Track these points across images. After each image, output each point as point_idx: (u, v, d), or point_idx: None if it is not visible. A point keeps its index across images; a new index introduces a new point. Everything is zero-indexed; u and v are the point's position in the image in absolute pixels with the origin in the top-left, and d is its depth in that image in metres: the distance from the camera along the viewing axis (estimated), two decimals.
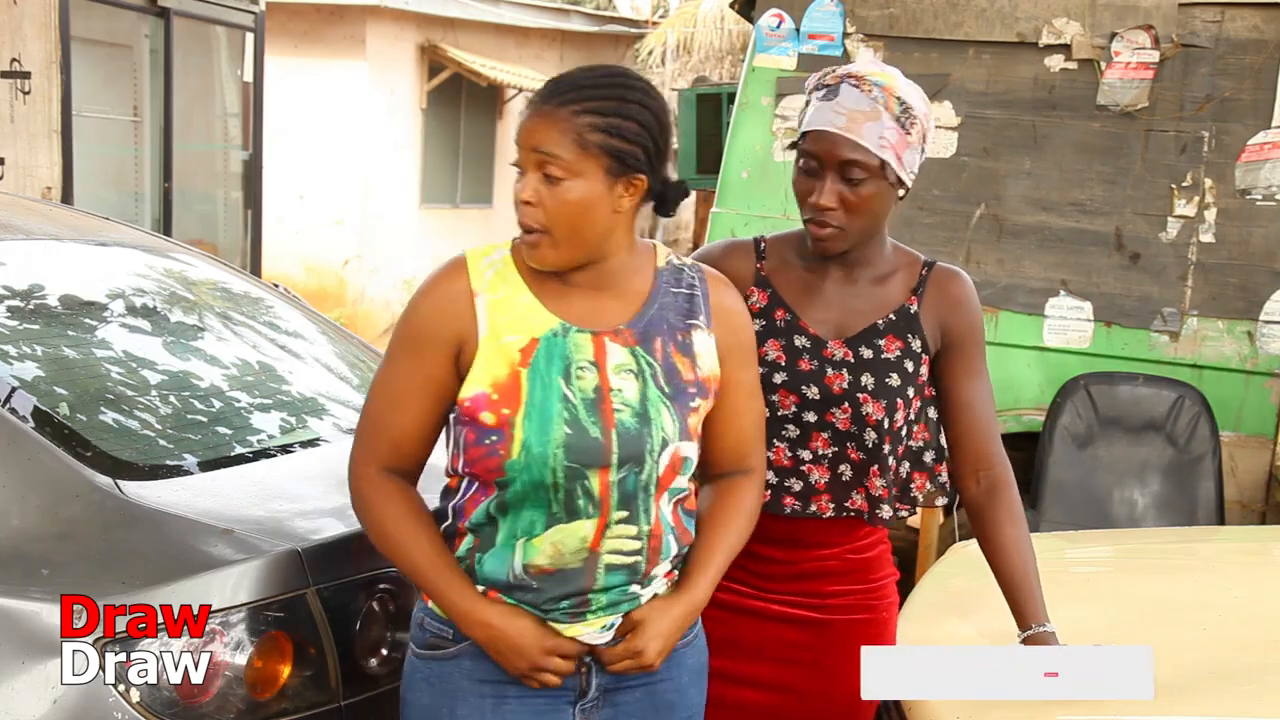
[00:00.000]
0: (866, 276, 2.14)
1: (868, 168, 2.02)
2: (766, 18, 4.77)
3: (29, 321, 2.57)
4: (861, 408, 2.08)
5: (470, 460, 1.79)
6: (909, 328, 2.13)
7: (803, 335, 2.12)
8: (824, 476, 2.12)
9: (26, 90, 6.60)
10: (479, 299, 1.80)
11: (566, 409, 1.76)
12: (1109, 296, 4.50)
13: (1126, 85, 4.48)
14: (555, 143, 1.75)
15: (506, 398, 1.76)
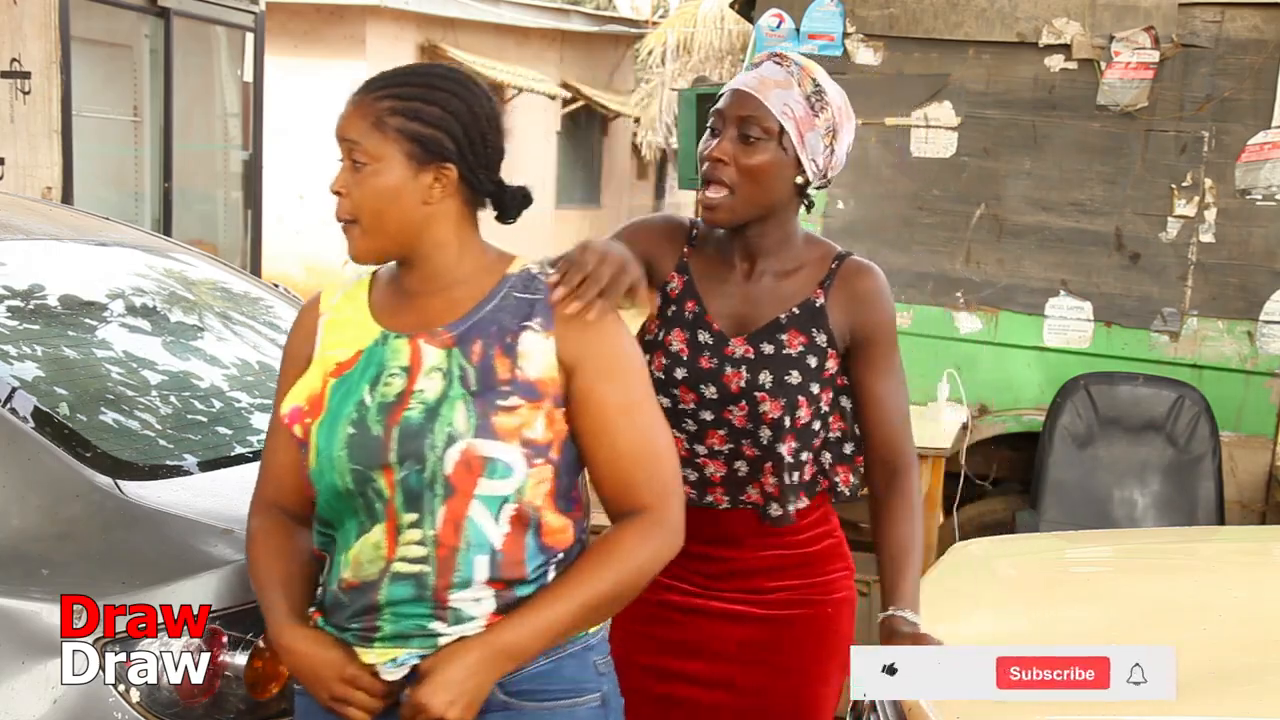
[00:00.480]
0: (771, 269, 2.11)
1: (765, 128, 2.00)
2: (766, 18, 4.77)
3: (29, 321, 2.57)
4: (759, 406, 2.05)
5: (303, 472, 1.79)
6: (813, 322, 2.08)
7: (706, 330, 2.09)
8: (720, 470, 2.11)
9: (27, 90, 6.60)
10: (321, 319, 1.82)
11: (357, 411, 1.70)
12: (1109, 296, 4.50)
13: (1126, 85, 4.48)
14: (356, 129, 1.78)
15: (314, 409, 1.75)
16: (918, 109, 4.63)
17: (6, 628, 1.90)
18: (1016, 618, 2.47)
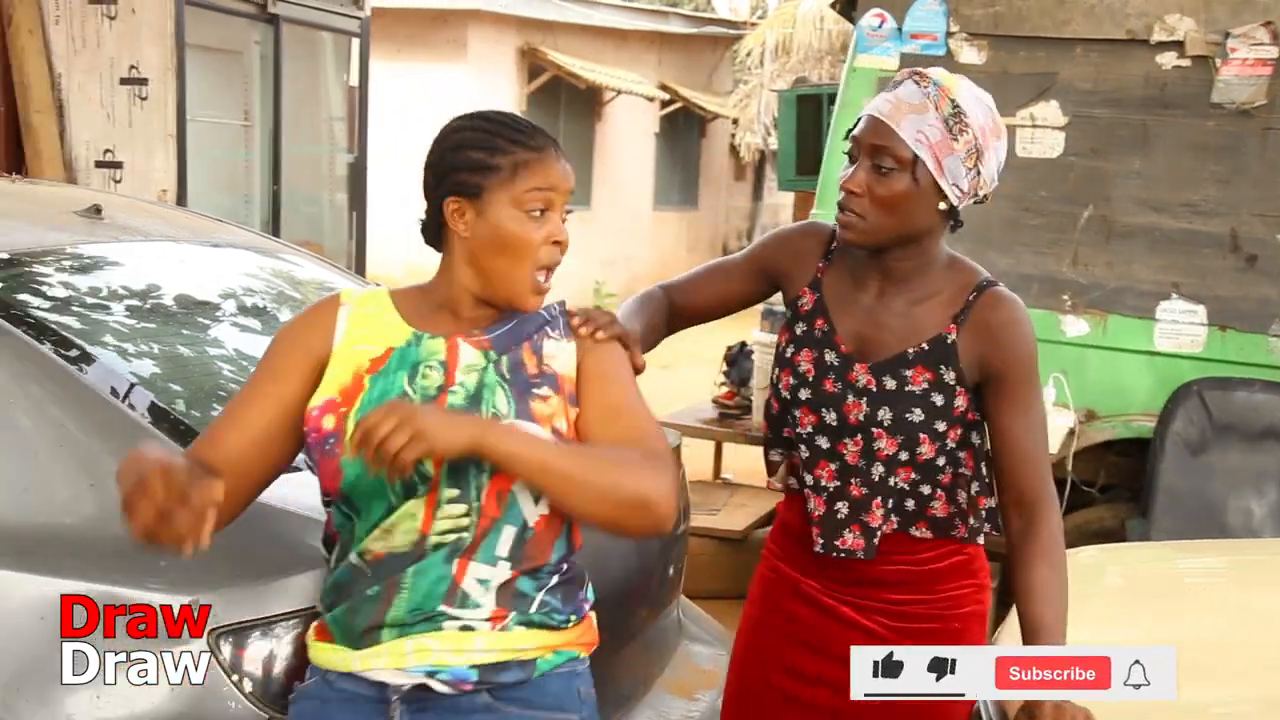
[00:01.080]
0: (904, 294, 2.04)
1: (897, 158, 1.94)
2: (868, 18, 4.72)
3: (147, 320, 2.65)
4: (874, 442, 2.02)
5: (321, 478, 1.79)
6: (942, 359, 2.00)
7: (834, 351, 2.06)
8: (819, 509, 2.08)
9: (144, 96, 6.80)
10: (342, 309, 1.85)
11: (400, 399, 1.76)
12: (1224, 300, 4.38)
13: (1243, 82, 4.36)
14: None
15: (347, 400, 1.78)
16: (1023, 108, 4.56)
17: (126, 617, 1.96)
18: (1125, 629, 2.42)
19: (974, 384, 2.03)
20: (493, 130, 1.79)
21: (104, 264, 2.76)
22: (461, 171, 1.78)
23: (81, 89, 6.78)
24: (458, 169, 1.79)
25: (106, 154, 6.79)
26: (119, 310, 2.59)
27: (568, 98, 14.14)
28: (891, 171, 1.94)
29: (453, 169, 1.79)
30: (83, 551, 2.02)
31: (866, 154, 1.96)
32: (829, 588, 2.14)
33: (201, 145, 7.38)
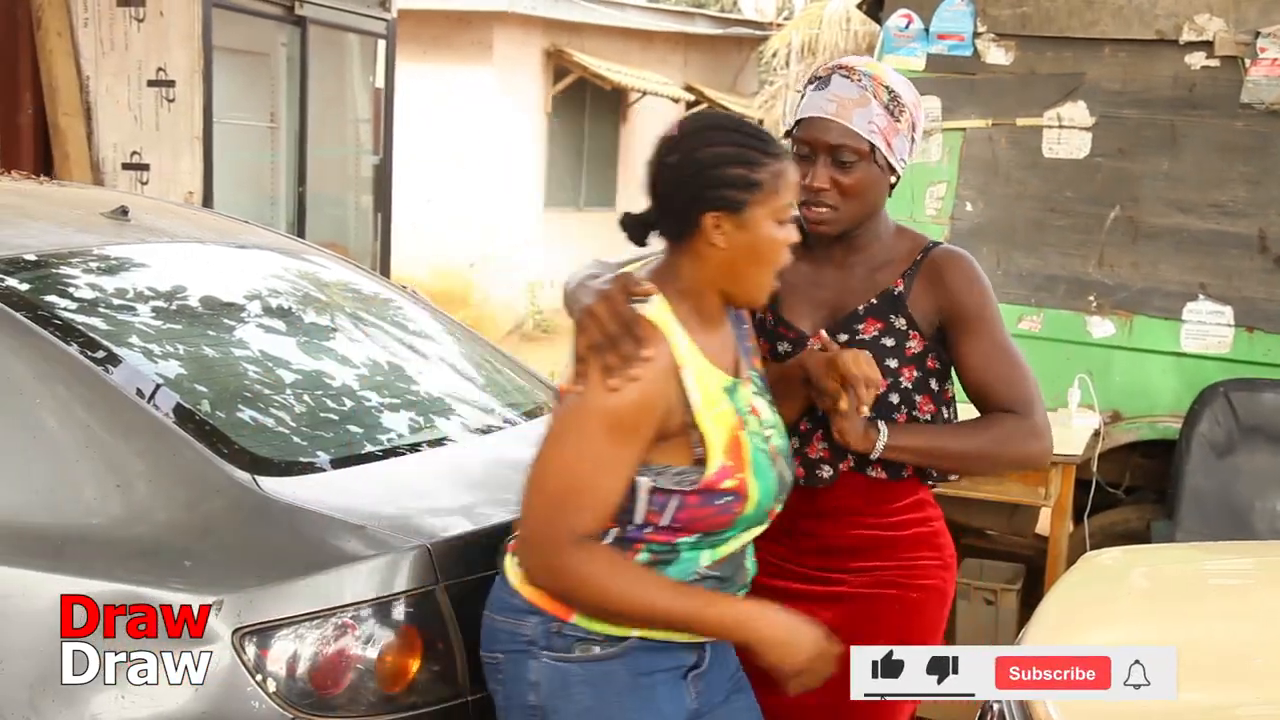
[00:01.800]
0: (862, 264, 2.23)
1: (858, 151, 2.13)
2: (895, 18, 4.71)
3: (172, 321, 2.66)
4: None
5: (691, 520, 1.88)
6: (891, 309, 2.19)
7: (783, 339, 2.24)
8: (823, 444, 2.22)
9: (171, 98, 6.84)
10: (684, 372, 1.86)
11: (764, 456, 1.94)
12: (1251, 301, 4.34)
13: (1272, 82, 4.32)
14: None
15: (737, 462, 1.89)
16: (1050, 109, 4.53)
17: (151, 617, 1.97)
18: (1149, 630, 2.40)
19: (932, 332, 2.20)
20: (747, 144, 1.86)
21: (130, 265, 2.78)
22: (724, 188, 1.84)
23: (109, 91, 6.82)
24: (720, 185, 1.84)
25: (133, 156, 6.84)
26: (145, 311, 2.61)
27: (593, 99, 14.14)
28: (854, 163, 2.13)
29: (715, 184, 1.84)
30: (109, 552, 2.04)
31: (825, 152, 2.13)
32: (789, 562, 2.26)
33: (228, 147, 7.41)
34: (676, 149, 1.87)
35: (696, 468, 1.87)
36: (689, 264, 1.90)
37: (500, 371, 3.22)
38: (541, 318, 13.01)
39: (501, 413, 2.92)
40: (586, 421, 1.83)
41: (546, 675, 1.91)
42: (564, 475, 1.84)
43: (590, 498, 1.83)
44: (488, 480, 2.54)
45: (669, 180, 1.87)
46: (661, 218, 1.90)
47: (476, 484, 2.51)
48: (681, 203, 1.86)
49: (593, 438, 1.82)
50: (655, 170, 1.89)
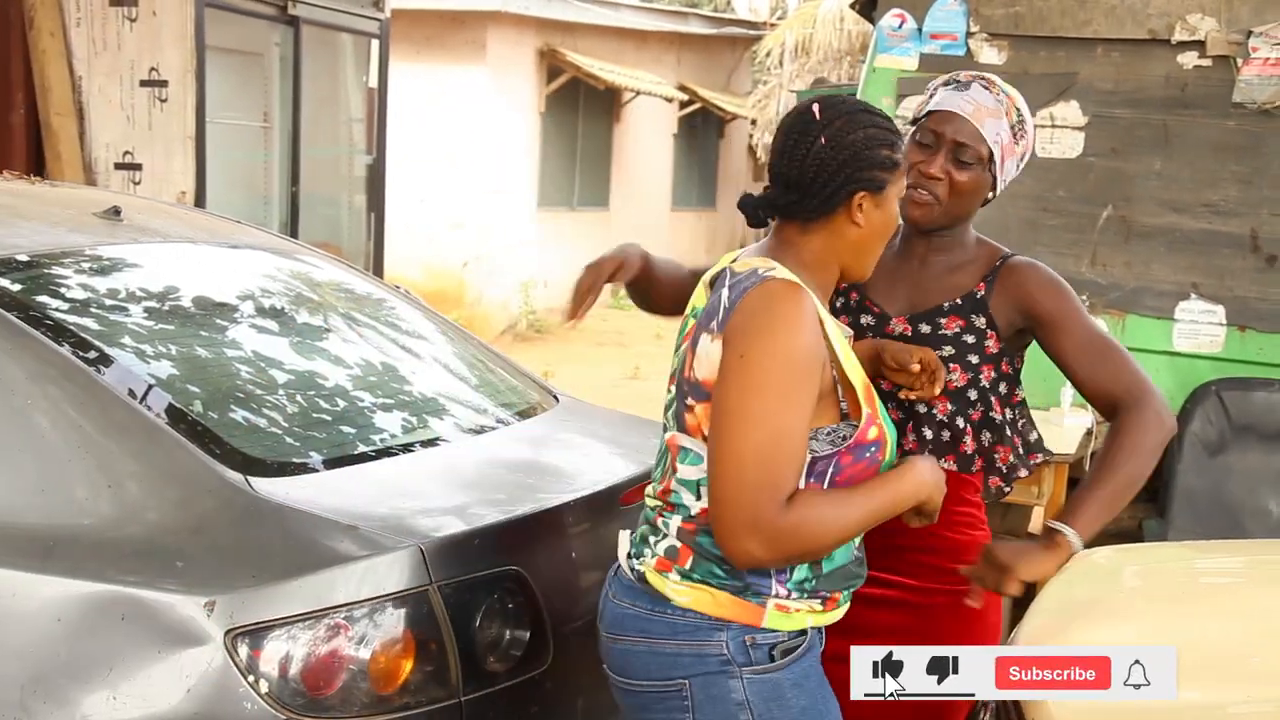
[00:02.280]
0: (942, 264, 2.33)
1: (978, 154, 2.24)
2: (888, 18, 4.71)
3: (165, 322, 2.66)
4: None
5: (846, 480, 1.89)
6: (974, 309, 2.29)
7: (869, 313, 2.32)
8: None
9: (164, 98, 6.83)
10: (827, 325, 1.89)
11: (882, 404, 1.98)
12: (1243, 300, 4.36)
13: (1265, 82, 4.33)
14: None
15: (874, 410, 1.92)
16: (1043, 108, 4.54)
17: (143, 618, 1.97)
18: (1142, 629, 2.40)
19: (1010, 335, 2.29)
20: (886, 125, 1.92)
21: (123, 266, 2.78)
22: (875, 168, 1.89)
23: (102, 91, 6.81)
24: (872, 165, 1.89)
25: (126, 156, 6.83)
26: (137, 312, 2.60)
27: (586, 99, 14.14)
28: (972, 165, 2.24)
29: (868, 165, 1.89)
30: (100, 552, 2.03)
31: (949, 145, 2.24)
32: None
33: (220, 147, 7.40)
34: (824, 132, 1.88)
35: (845, 424, 1.89)
36: (822, 241, 1.93)
37: (493, 371, 3.22)
38: (535, 318, 13.00)
39: (494, 413, 2.92)
40: (766, 387, 1.81)
41: (756, 690, 1.88)
42: (760, 446, 1.80)
43: (787, 457, 1.82)
44: (481, 480, 2.55)
45: (819, 162, 1.88)
46: (804, 198, 1.90)
47: (469, 484, 2.51)
48: (835, 183, 1.88)
49: (776, 399, 1.80)
50: (797, 153, 1.89)
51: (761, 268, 1.88)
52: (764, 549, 1.80)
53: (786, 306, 1.83)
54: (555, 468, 2.75)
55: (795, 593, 1.91)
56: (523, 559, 2.24)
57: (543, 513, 2.34)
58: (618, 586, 2.00)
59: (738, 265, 1.93)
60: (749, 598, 1.89)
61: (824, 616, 1.97)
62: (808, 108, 1.92)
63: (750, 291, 1.85)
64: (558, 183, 13.96)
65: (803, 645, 1.93)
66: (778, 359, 1.81)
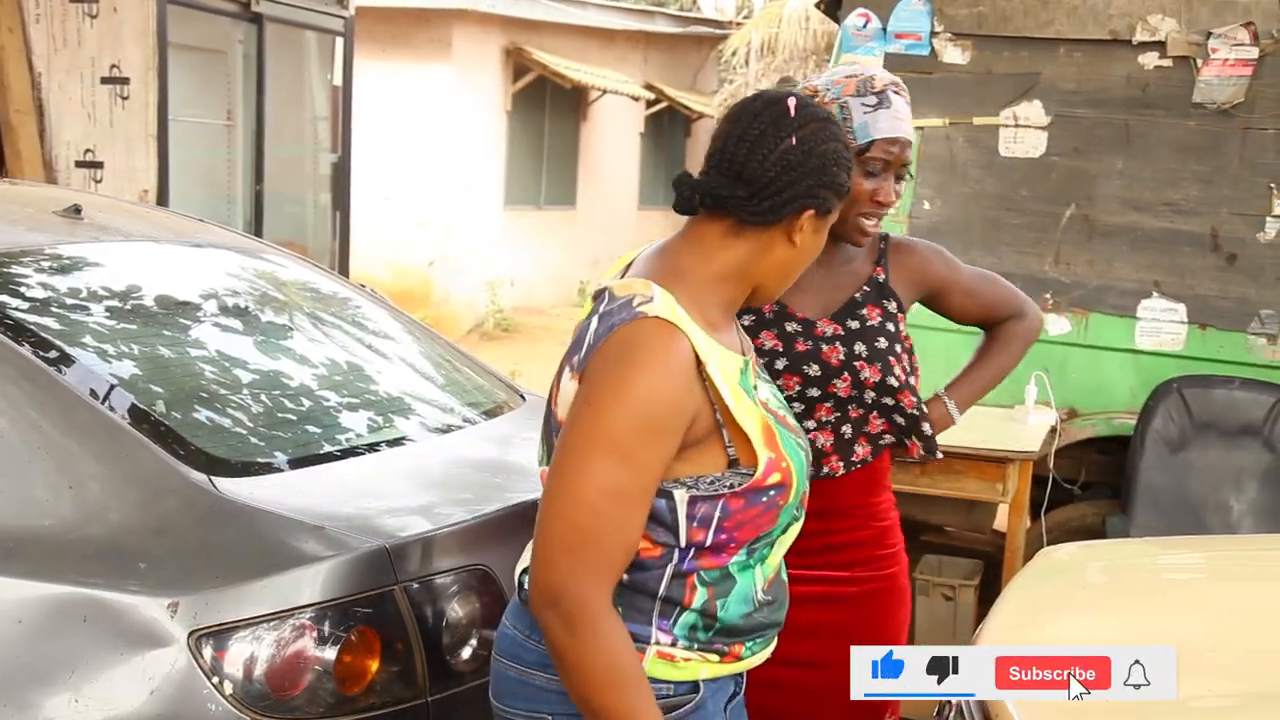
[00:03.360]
0: (839, 258, 2.35)
1: (908, 164, 2.30)
2: (853, 17, 4.73)
3: (127, 321, 2.64)
4: (859, 374, 2.28)
5: (738, 525, 1.71)
6: (882, 294, 2.36)
7: (792, 320, 2.31)
8: (829, 439, 2.31)
9: (125, 96, 6.77)
10: (709, 368, 1.67)
11: (790, 435, 1.79)
12: (1204, 298, 4.40)
13: (1224, 82, 4.38)
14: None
15: (777, 451, 1.72)
16: (1006, 108, 4.57)
17: (105, 620, 1.95)
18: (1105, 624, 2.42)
19: (907, 309, 2.41)
20: (847, 144, 1.77)
21: (84, 264, 2.75)
22: (834, 189, 1.74)
23: (62, 88, 6.75)
24: (833, 185, 1.74)
25: (87, 154, 6.76)
26: (99, 311, 2.58)
27: (553, 97, 14.12)
28: (905, 176, 2.31)
29: (829, 183, 1.73)
30: (62, 554, 2.01)
31: (896, 167, 2.27)
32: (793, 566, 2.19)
33: (183, 145, 7.34)
34: (798, 132, 1.70)
35: (732, 472, 1.69)
36: (748, 252, 1.73)
37: (460, 371, 3.21)
38: (502, 316, 12.98)
39: (461, 412, 2.91)
40: (603, 443, 1.60)
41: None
42: (587, 510, 1.60)
43: (619, 531, 1.62)
44: (447, 480, 2.54)
45: (785, 163, 1.69)
46: (754, 198, 1.69)
47: (436, 484, 2.51)
48: (794, 191, 1.70)
49: (614, 459, 1.60)
50: (762, 145, 1.70)
51: (640, 296, 1.66)
52: (561, 626, 1.59)
53: (649, 355, 1.62)
54: (522, 467, 2.74)
55: (683, 641, 1.72)
56: (489, 557, 2.23)
57: (509, 511, 2.33)
58: (511, 601, 1.85)
59: (619, 287, 1.71)
60: None
61: (724, 668, 1.77)
62: (782, 100, 1.73)
63: (617, 330, 1.63)
64: (524, 181, 13.93)
65: (690, 704, 1.73)
66: (625, 415, 1.60)
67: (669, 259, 1.76)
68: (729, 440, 1.69)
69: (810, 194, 1.71)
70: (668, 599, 1.71)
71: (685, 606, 1.72)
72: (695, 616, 1.72)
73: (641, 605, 1.71)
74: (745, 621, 1.76)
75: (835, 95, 2.25)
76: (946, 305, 2.48)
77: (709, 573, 1.72)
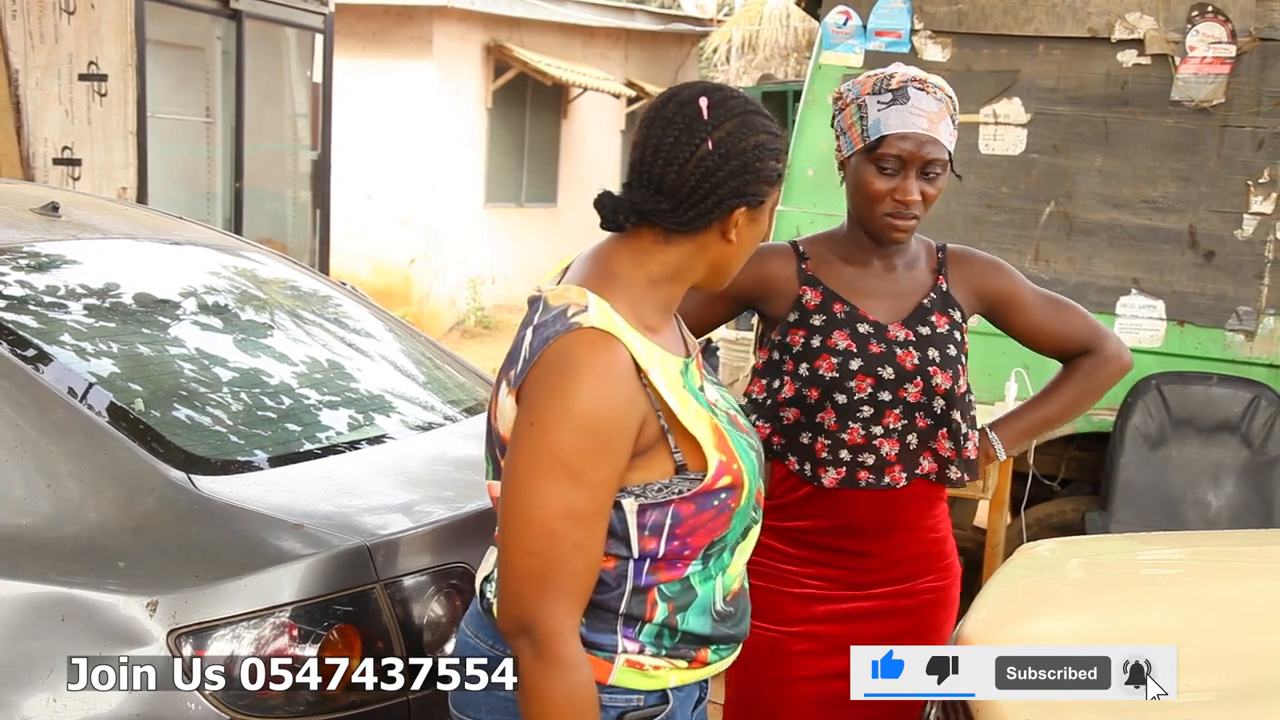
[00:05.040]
0: (901, 264, 2.35)
1: (943, 164, 2.23)
2: (833, 14, 4.74)
3: (105, 319, 2.62)
4: (932, 380, 2.27)
5: (690, 532, 1.68)
6: (947, 304, 2.35)
7: (864, 323, 2.30)
8: (894, 449, 2.28)
9: (103, 92, 6.73)
10: (652, 375, 1.64)
11: (740, 436, 1.76)
12: (1182, 295, 4.42)
13: (1202, 80, 4.40)
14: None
15: (728, 454, 1.70)
16: (986, 105, 4.59)
17: (84, 619, 1.94)
18: (1085, 620, 2.43)
19: (970, 317, 2.40)
20: (776, 131, 1.70)
21: (61, 262, 2.73)
22: (762, 182, 1.68)
23: (39, 85, 6.70)
24: (760, 179, 1.68)
25: (65, 151, 6.72)
26: (77, 309, 2.56)
27: (534, 94, 14.10)
28: (939, 175, 2.24)
29: (755, 178, 1.67)
30: (40, 553, 2.00)
31: (916, 166, 2.21)
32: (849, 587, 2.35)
33: (162, 142, 7.31)
34: (713, 135, 1.64)
35: (680, 477, 1.66)
36: (683, 255, 1.70)
37: (441, 369, 3.20)
38: (483, 314, 12.96)
39: (442, 410, 2.90)
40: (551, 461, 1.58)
41: None
42: (541, 535, 1.58)
43: (574, 547, 1.59)
44: (428, 478, 2.53)
45: (703, 170, 1.64)
46: (677, 208, 1.65)
47: (416, 482, 2.50)
48: (717, 196, 1.65)
49: (566, 481, 1.58)
50: (678, 155, 1.64)
51: (574, 305, 1.62)
52: (531, 655, 1.58)
53: (588, 368, 1.58)
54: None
55: (650, 648, 1.71)
56: (470, 555, 2.22)
57: (490, 510, 2.32)
58: (471, 608, 1.83)
59: (553, 296, 1.67)
60: (593, 652, 1.67)
61: (692, 674, 1.76)
62: (693, 100, 1.66)
63: (553, 343, 1.60)
64: (505, 179, 13.91)
65: (660, 715, 1.72)
66: (571, 433, 1.57)
67: (603, 264, 1.72)
68: (675, 446, 1.66)
69: (736, 194, 1.67)
70: (629, 614, 1.70)
71: (647, 621, 1.71)
72: (662, 622, 1.72)
73: (605, 617, 1.70)
74: (708, 631, 1.75)
75: (854, 96, 2.25)
76: (1008, 322, 2.43)
77: (669, 586, 1.70)
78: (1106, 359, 2.45)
